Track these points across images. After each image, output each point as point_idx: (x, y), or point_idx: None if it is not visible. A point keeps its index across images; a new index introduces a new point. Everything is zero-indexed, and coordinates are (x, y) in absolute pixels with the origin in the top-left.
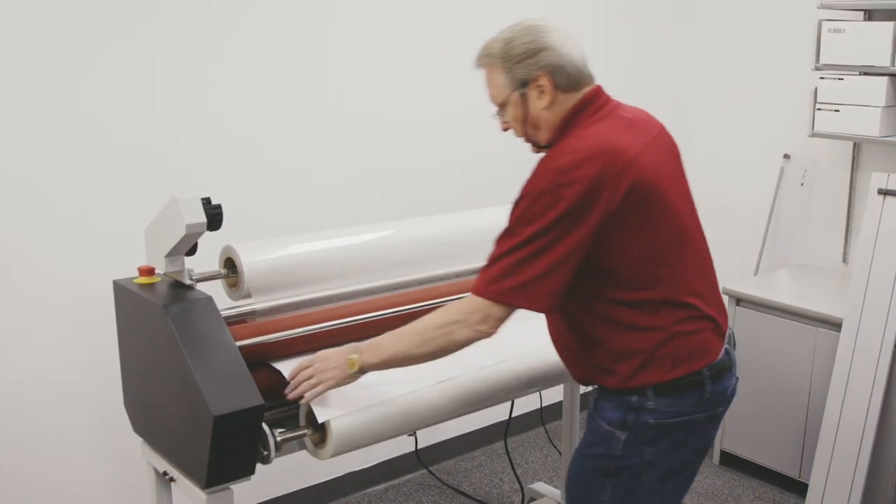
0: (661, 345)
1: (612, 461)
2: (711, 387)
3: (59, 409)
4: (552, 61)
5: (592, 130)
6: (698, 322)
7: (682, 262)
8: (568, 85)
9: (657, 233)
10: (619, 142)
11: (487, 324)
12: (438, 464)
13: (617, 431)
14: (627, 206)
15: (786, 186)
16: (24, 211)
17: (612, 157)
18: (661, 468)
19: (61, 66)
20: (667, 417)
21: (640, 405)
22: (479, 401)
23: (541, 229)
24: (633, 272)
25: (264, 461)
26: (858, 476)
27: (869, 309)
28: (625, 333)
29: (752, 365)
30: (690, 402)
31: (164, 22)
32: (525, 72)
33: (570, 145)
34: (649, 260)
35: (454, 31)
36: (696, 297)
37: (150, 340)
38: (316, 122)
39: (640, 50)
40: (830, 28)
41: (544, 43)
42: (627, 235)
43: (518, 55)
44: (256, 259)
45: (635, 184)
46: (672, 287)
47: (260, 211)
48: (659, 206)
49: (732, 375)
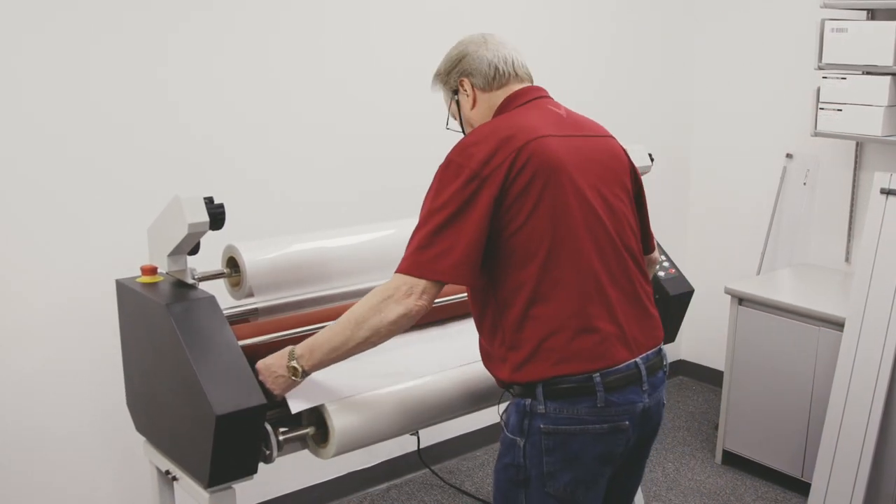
0: (551, 336)
1: (519, 471)
2: (606, 395)
3: (62, 408)
4: (468, 66)
5: (512, 115)
6: (598, 322)
7: (588, 259)
8: (486, 85)
9: (557, 218)
10: (528, 123)
11: (415, 295)
12: (441, 463)
13: (517, 439)
14: (527, 180)
15: (788, 186)
16: (27, 210)
17: (515, 132)
18: (564, 480)
19: (64, 65)
20: (559, 424)
21: (533, 409)
22: (481, 399)
23: (447, 199)
24: (530, 252)
25: (267, 460)
26: (861, 475)
27: (871, 308)
28: (520, 321)
29: (754, 365)
30: (584, 409)
31: (166, 21)
32: (453, 80)
33: (485, 126)
34: (547, 242)
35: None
36: (601, 301)
37: (152, 340)
38: (319, 121)
39: (642, 49)
40: (833, 27)
41: (463, 52)
42: (525, 210)
43: (447, 68)
44: (259, 258)
45: (536, 160)
46: (573, 280)
47: (262, 210)
48: (562, 194)
49: (641, 392)
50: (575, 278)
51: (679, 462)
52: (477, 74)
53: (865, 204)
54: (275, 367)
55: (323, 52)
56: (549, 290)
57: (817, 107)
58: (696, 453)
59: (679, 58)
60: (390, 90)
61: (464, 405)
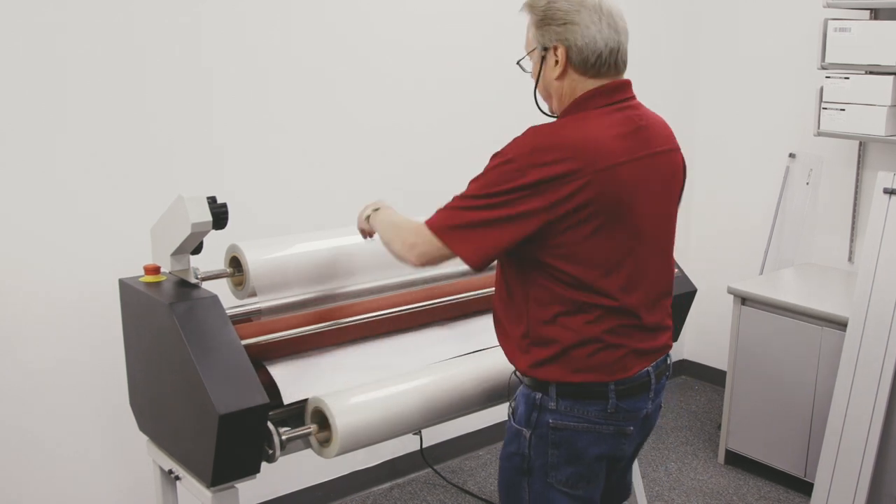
0: (577, 346)
1: (523, 460)
2: (616, 402)
3: (65, 407)
4: (572, 37)
5: (589, 125)
6: (624, 338)
7: (635, 279)
8: (582, 66)
9: (611, 244)
10: (607, 146)
11: (415, 251)
12: (443, 462)
13: (524, 430)
14: (588, 210)
15: (791, 186)
16: (30, 209)
17: (591, 158)
18: (567, 473)
19: (66, 64)
20: (567, 420)
21: (543, 404)
22: (486, 400)
23: (497, 192)
24: (577, 273)
25: (269, 460)
26: (864, 475)
27: (874, 308)
28: (549, 323)
29: (757, 364)
30: (594, 412)
31: (170, 16)
32: (549, 38)
33: (562, 129)
34: (596, 267)
35: (468, 32)
36: (634, 316)
37: (155, 339)
38: (322, 121)
39: (645, 49)
40: (836, 27)
41: (574, 18)
42: (584, 237)
43: (549, 18)
44: (262, 258)
45: (603, 191)
46: (612, 297)
47: (266, 210)
48: (623, 220)
49: (648, 399)
50: (615, 301)
51: (682, 462)
52: (577, 52)
53: (868, 203)
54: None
55: (330, 60)
56: (585, 308)
57: (820, 106)
58: (699, 453)
59: (682, 57)
60: (399, 97)
61: (467, 405)
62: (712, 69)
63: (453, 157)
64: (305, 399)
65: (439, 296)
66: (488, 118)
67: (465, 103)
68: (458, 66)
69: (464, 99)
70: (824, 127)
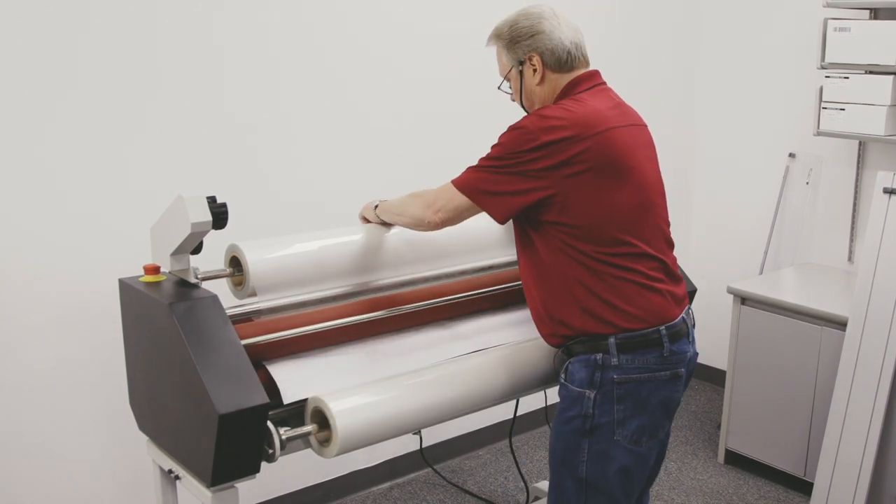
0: (623, 294)
1: (585, 421)
2: (670, 346)
3: (65, 407)
4: (543, 44)
5: (584, 101)
6: (661, 283)
7: (647, 231)
8: (557, 66)
9: (624, 196)
10: (602, 113)
11: (435, 207)
12: (443, 462)
13: (586, 391)
14: (594, 167)
15: (791, 185)
16: (30, 209)
17: (592, 121)
18: (632, 427)
19: (66, 63)
20: (630, 373)
21: (606, 363)
22: (485, 400)
23: (514, 152)
24: (599, 231)
25: (269, 459)
26: (864, 475)
27: (874, 308)
28: (597, 282)
29: (756, 364)
30: (652, 359)
31: (170, 15)
32: (522, 52)
33: (560, 106)
34: (614, 223)
35: (471, 31)
36: (661, 262)
37: (155, 339)
38: (323, 120)
39: (646, 49)
40: (836, 27)
41: (539, 28)
42: (594, 194)
43: (517, 37)
44: (261, 258)
45: (604, 150)
46: (642, 244)
47: (266, 209)
48: (627, 174)
49: (689, 343)
50: (641, 249)
51: (682, 461)
52: (550, 55)
53: (868, 203)
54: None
55: (331, 58)
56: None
57: (820, 106)
58: (699, 452)
59: (682, 57)
60: (400, 96)
61: (467, 406)
62: (712, 69)
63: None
64: (305, 399)
65: (438, 296)
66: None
67: (470, 107)
68: (468, 67)
69: (474, 101)
70: (824, 127)
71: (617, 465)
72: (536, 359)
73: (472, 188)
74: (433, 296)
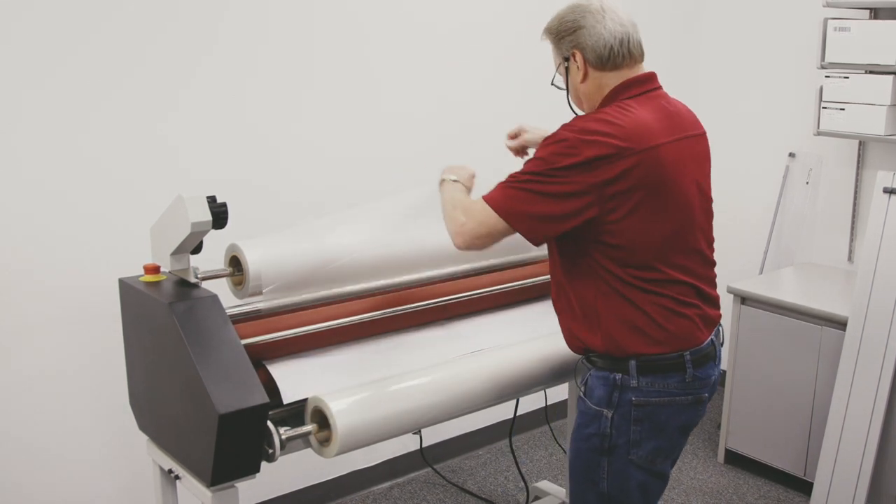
0: (650, 320)
1: (603, 440)
2: (693, 371)
3: (65, 406)
4: (583, 40)
5: (630, 110)
6: (690, 308)
7: (686, 250)
8: (598, 63)
9: (664, 220)
10: (650, 127)
11: (465, 229)
12: (443, 462)
13: (604, 410)
14: (639, 188)
15: (791, 185)
16: (30, 209)
17: (639, 135)
18: (647, 448)
19: (67, 64)
20: (649, 396)
21: (625, 383)
22: (485, 400)
23: (552, 168)
24: (633, 253)
25: (269, 459)
26: (864, 474)
27: (874, 307)
28: (623, 304)
29: (756, 364)
30: (674, 383)
31: (171, 17)
32: (566, 48)
33: (606, 114)
34: (650, 248)
35: (475, 33)
36: (693, 287)
37: (155, 338)
38: (323, 120)
39: (645, 48)
40: (836, 27)
41: (579, 22)
42: (635, 215)
43: (562, 32)
44: (262, 257)
45: (650, 170)
46: (673, 270)
47: (266, 209)
48: (671, 196)
49: (715, 365)
50: (676, 274)
51: (681, 461)
52: (590, 51)
53: (868, 203)
54: None
55: (331, 58)
56: (651, 282)
57: (820, 106)
58: (699, 452)
59: (682, 57)
60: (401, 96)
61: (467, 405)
62: (712, 69)
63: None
64: (305, 399)
65: (438, 296)
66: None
67: (469, 106)
68: (468, 67)
69: (472, 102)
70: (824, 126)
71: (635, 482)
72: (536, 359)
73: (506, 208)
74: (433, 296)
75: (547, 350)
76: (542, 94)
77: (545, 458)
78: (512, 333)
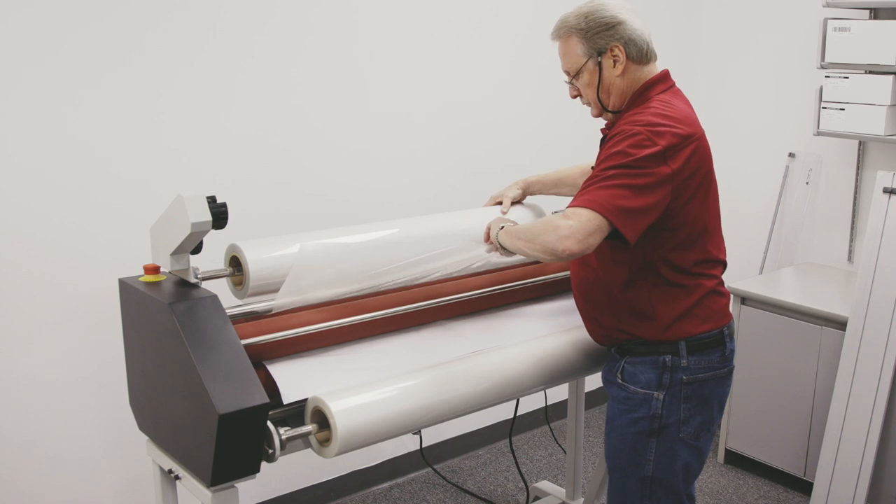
0: (699, 302)
1: (654, 422)
2: (730, 344)
3: (65, 407)
4: (626, 33)
5: (672, 102)
6: (723, 285)
7: (719, 237)
8: (638, 57)
9: (711, 204)
10: (693, 118)
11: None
12: (443, 462)
13: (654, 393)
14: (697, 173)
15: (791, 185)
16: (30, 209)
17: (691, 122)
18: (694, 423)
19: (67, 63)
20: (697, 373)
21: (675, 364)
22: (484, 399)
23: (635, 160)
24: (688, 234)
25: (269, 459)
26: (863, 475)
27: (874, 308)
28: (677, 292)
29: (756, 363)
30: (716, 358)
31: (171, 16)
32: (602, 42)
33: (654, 108)
34: (700, 226)
35: (478, 36)
36: (724, 265)
37: (155, 338)
38: (323, 119)
39: None
40: (836, 27)
41: (621, 18)
42: (689, 201)
43: (596, 27)
44: (262, 257)
45: (703, 159)
46: (716, 251)
47: (266, 209)
48: (713, 182)
49: (733, 340)
50: (718, 258)
51: None
52: (633, 46)
53: (868, 203)
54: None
55: (332, 58)
56: (700, 265)
57: (820, 106)
58: None
59: (682, 56)
60: (402, 95)
61: (468, 406)
62: (712, 68)
63: (459, 161)
64: (305, 399)
65: (438, 296)
66: (496, 117)
67: (468, 106)
68: (468, 62)
69: (470, 103)
70: (824, 126)
71: (681, 462)
72: (537, 358)
73: (611, 207)
74: (433, 296)
75: (547, 350)
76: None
77: (545, 458)
78: (512, 333)
